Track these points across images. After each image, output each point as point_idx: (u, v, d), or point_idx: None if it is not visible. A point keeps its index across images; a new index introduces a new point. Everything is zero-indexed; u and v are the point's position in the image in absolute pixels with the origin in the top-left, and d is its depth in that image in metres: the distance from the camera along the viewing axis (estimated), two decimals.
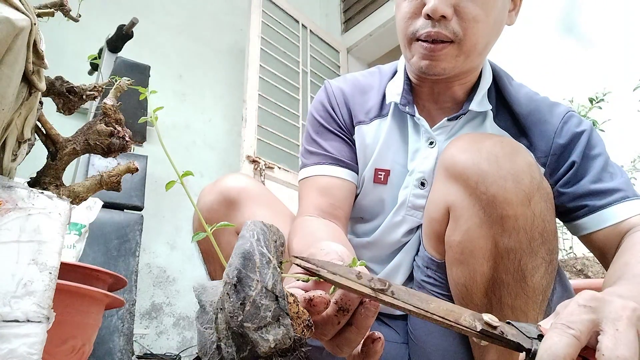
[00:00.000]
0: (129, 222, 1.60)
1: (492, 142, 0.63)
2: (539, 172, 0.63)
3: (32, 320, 0.33)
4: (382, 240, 0.84)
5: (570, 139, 0.77)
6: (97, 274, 0.62)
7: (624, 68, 1.84)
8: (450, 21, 0.71)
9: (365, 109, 0.89)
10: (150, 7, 2.67)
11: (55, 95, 0.52)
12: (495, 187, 0.60)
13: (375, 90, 0.90)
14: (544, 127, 0.80)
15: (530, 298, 0.62)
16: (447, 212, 0.67)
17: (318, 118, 0.90)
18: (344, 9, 3.52)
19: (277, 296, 0.34)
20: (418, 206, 0.80)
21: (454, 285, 0.68)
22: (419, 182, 0.80)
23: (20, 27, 0.34)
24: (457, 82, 0.81)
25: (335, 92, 0.91)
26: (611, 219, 0.71)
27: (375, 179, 0.85)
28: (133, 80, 0.57)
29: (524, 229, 0.60)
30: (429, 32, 0.72)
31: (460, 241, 0.64)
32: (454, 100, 0.84)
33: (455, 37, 0.72)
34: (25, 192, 0.36)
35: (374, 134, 0.87)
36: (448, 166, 0.66)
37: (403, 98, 0.83)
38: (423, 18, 0.73)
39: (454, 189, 0.65)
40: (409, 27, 0.75)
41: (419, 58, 0.75)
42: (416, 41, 0.75)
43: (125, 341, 1.42)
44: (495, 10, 0.74)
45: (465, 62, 0.75)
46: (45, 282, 0.35)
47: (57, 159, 0.49)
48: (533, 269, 0.61)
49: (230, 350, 0.33)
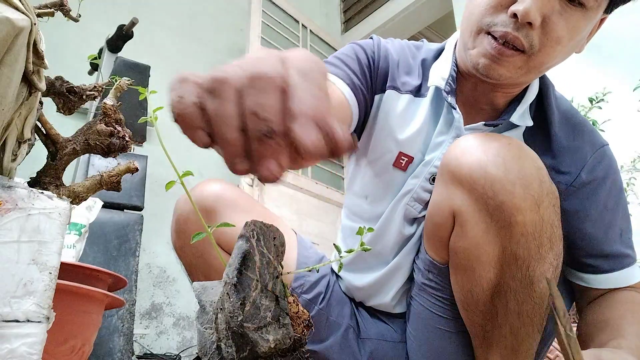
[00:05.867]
0: (129, 222, 1.60)
1: (499, 145, 0.61)
2: (548, 176, 0.61)
3: (32, 320, 0.33)
4: (384, 231, 0.81)
5: (592, 179, 0.75)
6: (97, 274, 0.62)
7: (624, 68, 1.84)
8: (533, 30, 0.65)
9: (402, 78, 0.82)
10: (150, 7, 2.66)
11: (55, 95, 0.52)
12: (504, 192, 0.58)
13: (418, 65, 0.83)
14: (574, 155, 0.76)
15: (537, 304, 0.61)
16: (452, 217, 0.65)
17: (355, 53, 0.82)
18: (344, 9, 3.52)
19: (277, 296, 0.34)
20: (421, 200, 0.78)
21: (458, 290, 0.67)
22: (430, 177, 0.77)
23: (20, 27, 0.34)
24: (502, 90, 0.76)
25: (382, 47, 0.84)
26: (612, 283, 0.75)
27: (396, 162, 0.80)
28: (133, 80, 0.57)
29: (533, 235, 0.58)
30: (507, 33, 0.65)
31: (466, 247, 0.63)
32: (492, 105, 0.79)
33: (530, 50, 0.66)
34: (25, 192, 0.36)
35: (404, 109, 0.81)
36: (453, 169, 0.63)
37: (448, 85, 0.76)
38: (507, 15, 0.65)
39: (459, 194, 0.62)
40: (486, 17, 0.67)
41: (480, 54, 0.69)
42: (486, 34, 0.68)
43: (125, 341, 1.41)
44: (579, 36, 0.68)
45: (524, 76, 0.70)
46: (45, 282, 0.35)
47: (57, 159, 0.49)
48: (541, 275, 0.60)
49: (230, 350, 0.33)
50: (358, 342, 0.85)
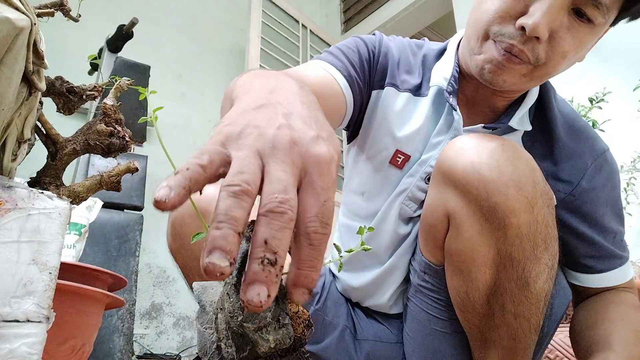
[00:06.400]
0: (129, 222, 1.60)
1: (493, 146, 0.61)
2: (542, 177, 0.62)
3: (32, 320, 0.33)
4: (378, 230, 0.81)
5: (592, 186, 0.75)
6: (97, 274, 0.62)
7: (624, 68, 1.84)
8: (539, 44, 0.64)
9: (402, 77, 0.82)
10: (150, 7, 2.67)
11: (55, 95, 0.52)
12: (497, 194, 0.58)
13: (418, 64, 0.83)
14: (575, 162, 0.76)
15: (533, 304, 0.61)
16: (446, 219, 0.65)
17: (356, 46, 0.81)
18: (344, 9, 3.52)
19: (277, 296, 0.34)
20: (416, 199, 0.77)
21: (454, 292, 0.67)
22: (426, 176, 0.76)
23: (20, 27, 0.34)
24: (502, 94, 0.76)
25: (384, 43, 0.84)
26: (605, 282, 0.77)
27: (392, 160, 0.80)
28: (133, 80, 0.57)
29: (527, 237, 0.59)
30: (513, 46, 0.64)
31: (461, 250, 0.63)
32: (492, 108, 0.79)
33: (535, 62, 0.65)
34: (25, 192, 0.36)
35: (403, 107, 0.80)
36: (446, 171, 0.63)
37: (450, 86, 0.76)
38: (515, 27, 0.64)
39: (453, 195, 0.63)
40: (494, 26, 0.66)
41: (485, 60, 0.68)
42: (493, 42, 0.67)
43: (125, 341, 1.41)
44: (584, 50, 0.68)
45: (527, 84, 0.70)
46: (45, 282, 0.35)
47: (57, 159, 0.49)
48: (536, 276, 0.60)
49: (230, 350, 0.33)
50: (354, 343, 0.85)
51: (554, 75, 0.71)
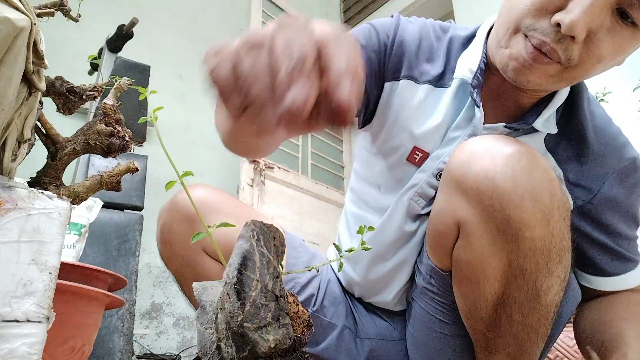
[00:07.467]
0: (129, 222, 1.60)
1: (508, 152, 0.57)
2: (559, 188, 0.58)
3: (32, 320, 0.33)
4: (385, 225, 0.79)
5: (614, 195, 0.71)
6: (97, 274, 0.62)
7: (624, 68, 1.84)
8: (574, 44, 0.58)
9: (421, 67, 0.76)
10: (150, 7, 2.67)
11: (55, 95, 0.52)
12: (512, 206, 0.54)
13: (442, 50, 0.76)
14: (600, 167, 0.71)
15: (542, 315, 0.59)
16: (456, 227, 0.62)
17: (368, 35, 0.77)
18: (344, 9, 3.52)
19: (277, 296, 0.34)
20: (426, 195, 0.74)
21: (461, 300, 0.66)
22: (438, 172, 0.72)
23: (20, 27, 0.34)
24: (529, 92, 0.70)
25: (400, 30, 0.77)
26: (615, 286, 0.75)
27: (409, 157, 0.75)
28: (133, 80, 0.57)
29: (541, 250, 0.56)
30: (545, 42, 0.58)
31: (470, 260, 0.61)
32: (516, 104, 0.73)
33: (566, 62, 0.59)
34: (25, 192, 0.36)
35: (422, 101, 0.75)
36: (458, 177, 0.60)
37: (475, 79, 0.69)
38: (550, 22, 0.58)
39: (465, 204, 0.59)
40: (527, 20, 0.60)
41: (512, 56, 0.62)
42: (524, 36, 0.61)
43: (125, 341, 1.41)
44: (624, 55, 0.62)
45: (554, 85, 0.64)
46: (45, 282, 0.35)
47: (57, 159, 0.49)
48: (547, 289, 0.58)
49: (230, 350, 0.33)
50: (356, 342, 0.84)
51: (585, 79, 0.66)
